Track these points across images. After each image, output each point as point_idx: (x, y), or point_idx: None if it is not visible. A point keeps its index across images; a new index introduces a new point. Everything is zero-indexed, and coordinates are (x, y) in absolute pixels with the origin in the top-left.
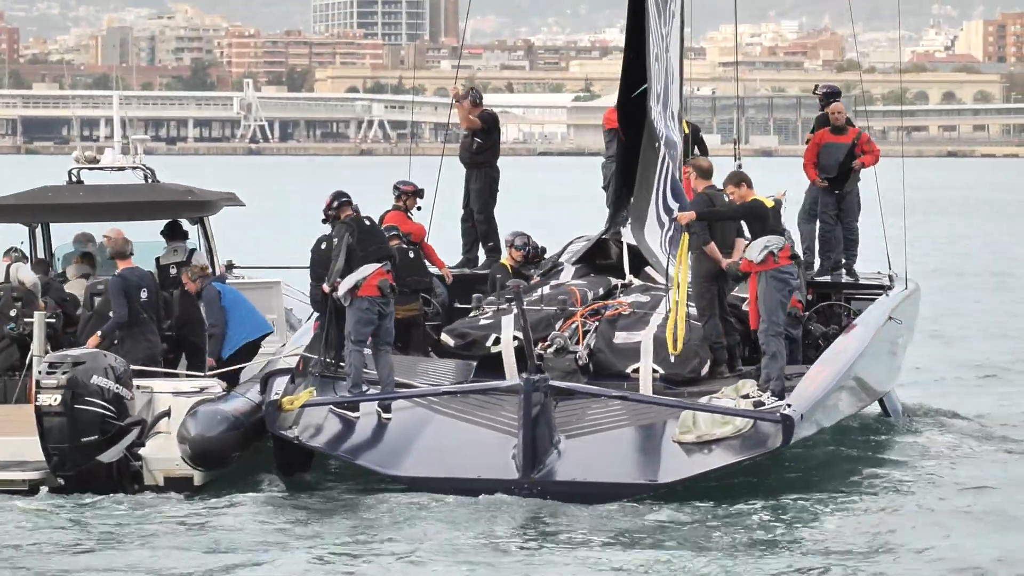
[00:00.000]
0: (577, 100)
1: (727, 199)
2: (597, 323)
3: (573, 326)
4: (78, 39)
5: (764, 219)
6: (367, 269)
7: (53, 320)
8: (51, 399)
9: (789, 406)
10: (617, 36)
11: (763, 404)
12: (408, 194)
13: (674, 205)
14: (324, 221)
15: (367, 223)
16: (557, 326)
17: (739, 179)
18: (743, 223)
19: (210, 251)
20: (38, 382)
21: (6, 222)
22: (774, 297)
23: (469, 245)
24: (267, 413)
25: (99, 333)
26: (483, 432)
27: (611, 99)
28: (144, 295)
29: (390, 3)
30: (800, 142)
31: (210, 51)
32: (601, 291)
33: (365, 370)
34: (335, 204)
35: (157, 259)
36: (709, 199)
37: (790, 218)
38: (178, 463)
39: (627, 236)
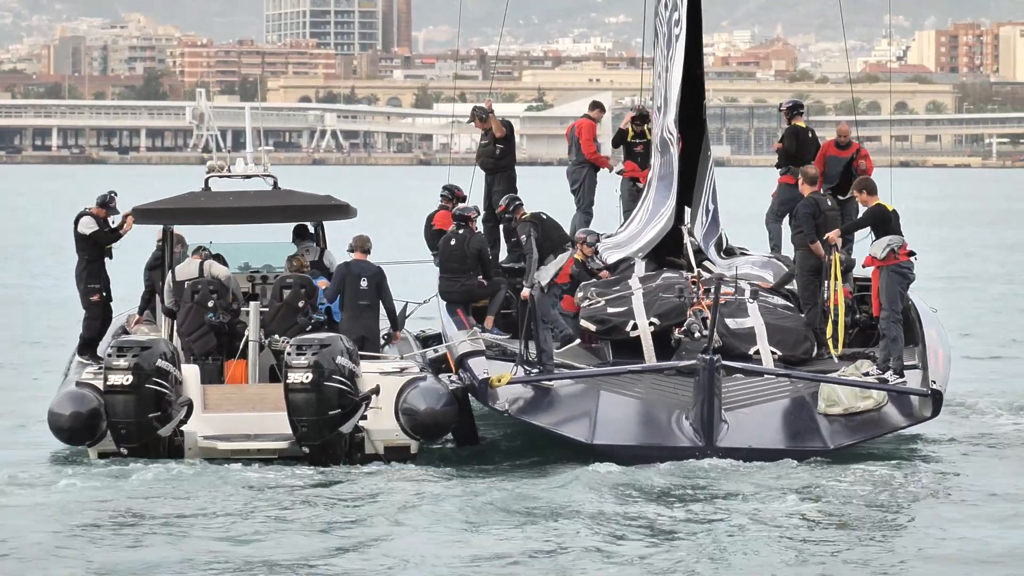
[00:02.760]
0: (530, 110)
1: (829, 202)
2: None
3: (699, 313)
4: (30, 48)
5: (888, 221)
6: (562, 258)
7: (267, 310)
8: (302, 377)
9: (934, 382)
10: (570, 46)
11: (886, 381)
12: (458, 199)
13: (711, 206)
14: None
15: (544, 217)
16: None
17: (862, 186)
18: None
19: (324, 249)
20: (287, 363)
21: (168, 223)
22: (895, 288)
23: (492, 243)
24: (479, 390)
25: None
26: (649, 405)
27: (564, 109)
28: (363, 283)
29: (343, 13)
30: (752, 152)
31: (163, 61)
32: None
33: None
34: (511, 207)
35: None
36: (815, 202)
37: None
38: (398, 434)
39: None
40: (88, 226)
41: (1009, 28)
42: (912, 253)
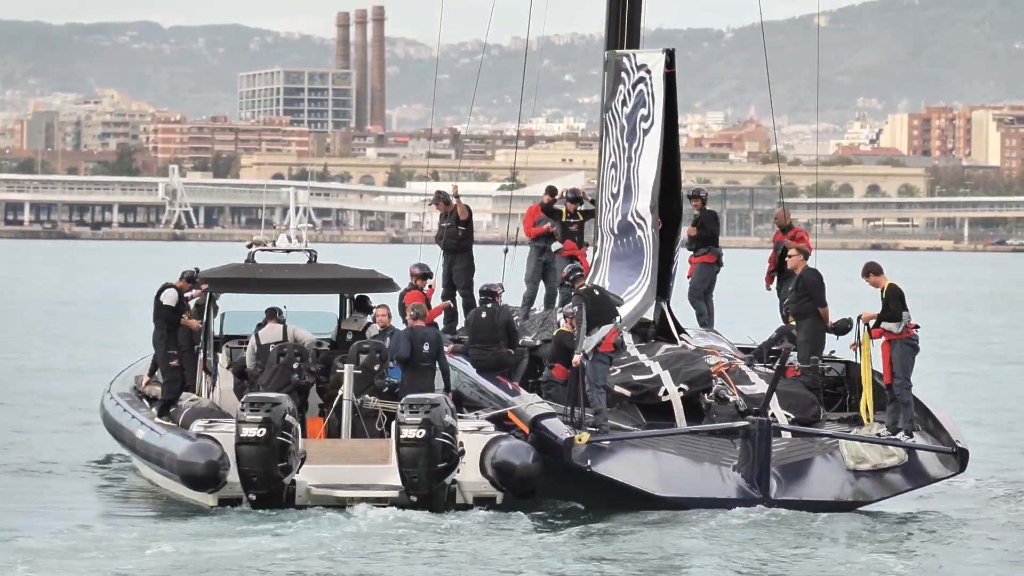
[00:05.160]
0: (503, 189)
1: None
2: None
3: (719, 379)
4: (4, 123)
5: (902, 298)
6: (605, 329)
7: (360, 372)
8: (415, 433)
9: (958, 441)
10: (543, 125)
11: (899, 441)
12: (417, 276)
13: (670, 285)
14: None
15: (596, 292)
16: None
17: (869, 270)
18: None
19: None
20: (401, 420)
21: (235, 292)
22: (908, 359)
23: (450, 317)
24: (564, 447)
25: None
26: (698, 462)
27: (537, 188)
28: (426, 347)
29: (316, 91)
30: (725, 233)
31: (136, 136)
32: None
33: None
34: (572, 277)
35: (339, 322)
36: (819, 273)
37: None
38: (486, 486)
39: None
40: (171, 298)
41: (981, 112)
42: (917, 326)
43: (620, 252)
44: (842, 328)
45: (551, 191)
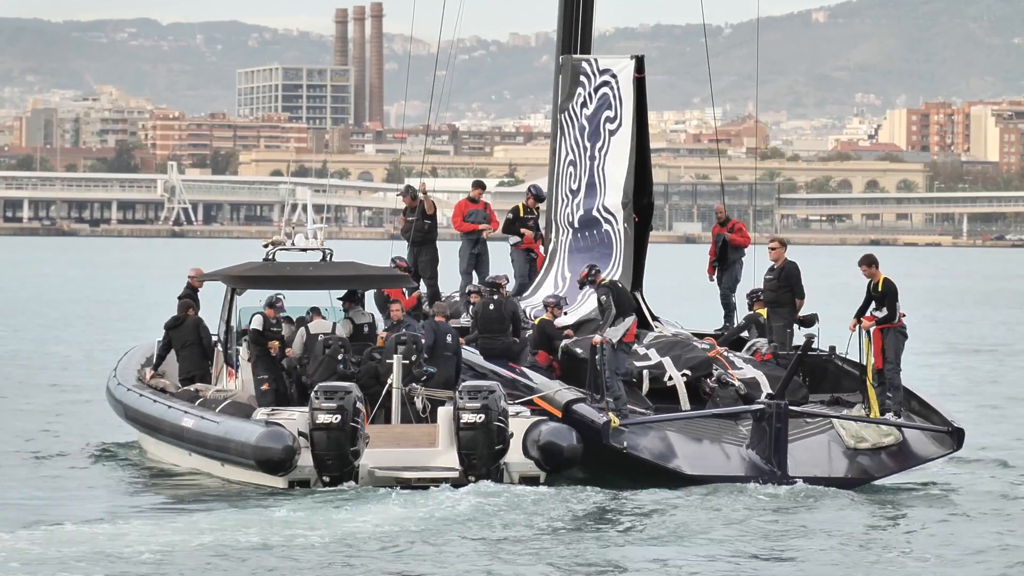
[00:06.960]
0: (501, 185)
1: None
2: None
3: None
4: (2, 120)
5: (896, 292)
6: (629, 320)
7: (406, 363)
8: (475, 418)
9: (954, 421)
10: (541, 121)
11: (901, 421)
12: (402, 270)
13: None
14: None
15: (619, 285)
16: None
17: (871, 261)
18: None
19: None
20: (461, 407)
21: (266, 288)
22: (899, 345)
23: (418, 306)
24: (603, 430)
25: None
26: (713, 443)
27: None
28: (449, 339)
29: (315, 87)
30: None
31: (135, 133)
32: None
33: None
34: (592, 274)
35: (351, 318)
36: (796, 265)
37: None
38: (531, 466)
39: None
40: (258, 322)
41: (980, 107)
42: (904, 314)
43: (581, 245)
44: (809, 321)
45: (479, 185)
